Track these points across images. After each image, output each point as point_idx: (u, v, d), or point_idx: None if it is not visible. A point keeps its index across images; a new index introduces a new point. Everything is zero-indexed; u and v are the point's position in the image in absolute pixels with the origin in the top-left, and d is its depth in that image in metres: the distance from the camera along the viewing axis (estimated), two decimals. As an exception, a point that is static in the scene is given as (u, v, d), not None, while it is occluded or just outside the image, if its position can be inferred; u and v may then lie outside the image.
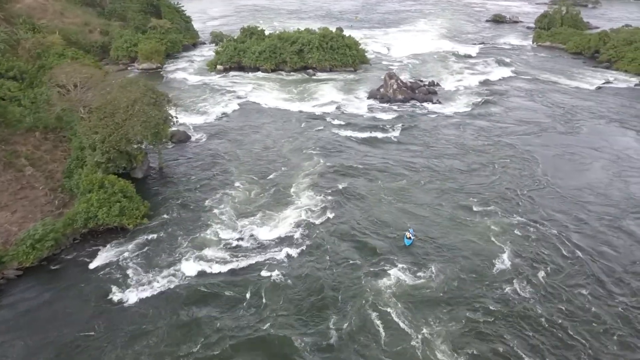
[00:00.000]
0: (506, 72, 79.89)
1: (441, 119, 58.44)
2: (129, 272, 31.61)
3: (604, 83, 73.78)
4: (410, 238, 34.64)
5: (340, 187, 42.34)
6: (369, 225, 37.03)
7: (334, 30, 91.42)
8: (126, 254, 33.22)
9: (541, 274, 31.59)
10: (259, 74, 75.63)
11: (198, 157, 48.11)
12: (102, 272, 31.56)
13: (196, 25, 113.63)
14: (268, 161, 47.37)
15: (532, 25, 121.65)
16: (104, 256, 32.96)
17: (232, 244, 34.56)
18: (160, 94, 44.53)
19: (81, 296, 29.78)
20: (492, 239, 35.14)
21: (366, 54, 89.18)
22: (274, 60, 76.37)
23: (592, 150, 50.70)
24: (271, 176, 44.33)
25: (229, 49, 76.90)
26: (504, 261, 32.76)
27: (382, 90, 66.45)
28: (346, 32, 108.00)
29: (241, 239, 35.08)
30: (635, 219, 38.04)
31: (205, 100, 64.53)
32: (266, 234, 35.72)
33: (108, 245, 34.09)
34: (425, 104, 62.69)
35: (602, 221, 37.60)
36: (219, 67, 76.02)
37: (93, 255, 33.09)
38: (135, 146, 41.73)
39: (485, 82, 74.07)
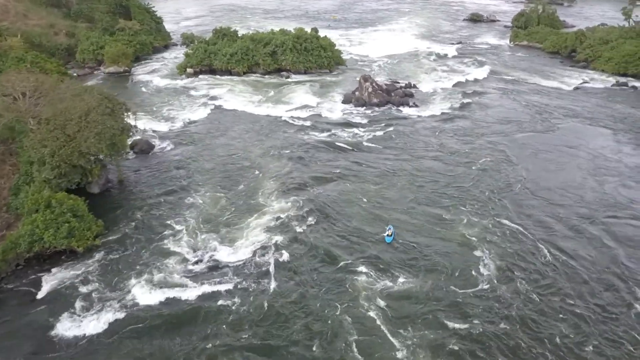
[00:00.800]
0: (483, 72, 78.33)
1: (417, 122, 56.37)
2: (76, 301, 28.71)
3: (581, 83, 72.69)
4: (390, 235, 34.42)
5: (312, 196, 40.10)
6: (344, 237, 34.99)
7: (309, 30, 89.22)
8: (74, 281, 30.29)
9: (518, 276, 31.01)
10: (231, 77, 72.65)
11: (161, 167, 45.17)
12: (45, 303, 28.60)
13: (169, 26, 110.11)
14: (237, 170, 44.74)
15: (509, 24, 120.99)
16: (50, 284, 29.97)
17: (192, 266, 31.86)
18: (118, 103, 41.50)
19: (21, 331, 26.80)
20: (470, 241, 34.42)
21: (342, 54, 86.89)
22: (246, 63, 73.50)
23: (569, 152, 49.57)
24: (239, 187, 41.80)
25: (199, 51, 73.77)
26: (482, 264, 31.97)
27: (357, 93, 64.16)
28: (323, 32, 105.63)
29: (202, 260, 32.41)
30: (609, 218, 37.71)
31: (172, 105, 61.44)
32: (231, 253, 33.13)
33: (55, 271, 31.08)
34: (401, 108, 60.57)
35: (577, 222, 37.12)
36: (189, 70, 72.87)
37: (37, 283, 30.08)
38: (92, 158, 38.64)
39: (462, 84, 72.36)
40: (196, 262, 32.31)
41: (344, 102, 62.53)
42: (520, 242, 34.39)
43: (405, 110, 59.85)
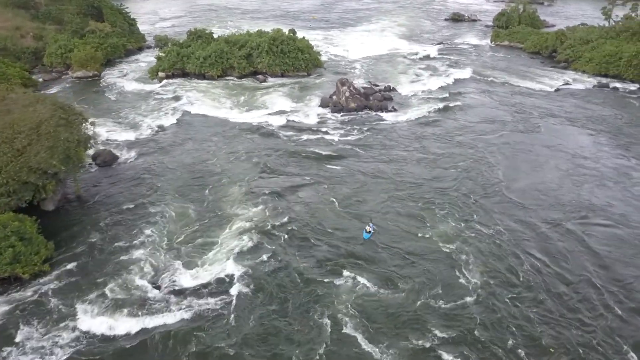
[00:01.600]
0: (464, 74, 76.54)
1: (395, 127, 54.26)
2: (18, 335, 26.00)
3: (562, 85, 71.35)
4: (369, 232, 34.03)
5: (283, 206, 37.89)
6: (316, 247, 33.04)
7: (287, 31, 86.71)
8: (17, 312, 27.52)
9: (497, 282, 30.02)
10: (205, 81, 69.81)
11: (125, 180, 42.39)
12: (-18, 338, 25.85)
13: (144, 27, 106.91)
14: (205, 181, 42.16)
15: (491, 23, 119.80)
16: (-11, 316, 27.21)
17: (151, 293, 29.25)
18: (74, 112, 38.63)
19: (-48, 373, 24.10)
20: (449, 247, 33.33)
21: (321, 56, 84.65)
22: (220, 66, 70.72)
23: (548, 155, 48.09)
24: (207, 199, 39.29)
25: (171, 55, 70.79)
26: (461, 270, 31.09)
27: (334, 97, 61.86)
28: (302, 33, 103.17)
29: (163, 285, 29.82)
30: (584, 221, 36.92)
31: (141, 112, 58.50)
32: (194, 276, 30.62)
33: (-4, 301, 28.32)
34: (379, 112, 58.41)
35: (552, 224, 36.21)
36: (160, 74, 69.84)
37: (-25, 316, 27.30)
38: (45, 174, 35.72)
39: (442, 86, 70.46)
40: (156, 287, 29.75)
41: (320, 106, 60.21)
42: (499, 247, 33.37)
43: (384, 115, 57.69)
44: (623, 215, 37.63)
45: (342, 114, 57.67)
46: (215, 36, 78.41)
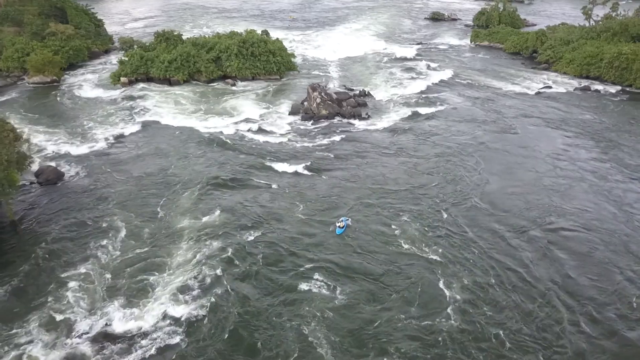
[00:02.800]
0: (442, 76, 73.36)
1: (367, 136, 50.72)
2: None
3: (543, 87, 68.48)
4: (342, 227, 33.36)
5: (244, 228, 34.47)
6: (277, 269, 30.24)
7: (260, 32, 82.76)
8: None
9: (471, 293, 28.78)
10: (170, 86, 65.52)
11: (69, 201, 38.27)
12: None
13: (114, 28, 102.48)
14: (158, 200, 38.33)
15: (471, 22, 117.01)
16: None
17: (80, 339, 25.41)
18: (4, 129, 34.40)
19: None
20: (422, 256, 31.93)
21: (296, 58, 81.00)
22: (187, 70, 66.51)
23: (527, 162, 45.91)
24: (159, 221, 35.58)
25: (134, 59, 66.36)
26: (433, 277, 30.08)
27: (305, 103, 58.17)
28: (278, 34, 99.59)
29: (96, 328, 26.01)
30: (559, 229, 35.23)
31: (98, 121, 54.16)
32: (135, 316, 26.88)
33: None
34: (352, 120, 54.83)
35: (525, 233, 34.69)
36: (122, 79, 65.36)
37: None
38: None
39: (419, 89, 67.17)
40: (87, 332, 25.92)
41: (291, 113, 56.45)
42: (470, 257, 31.84)
43: (357, 123, 54.13)
44: (597, 220, 36.01)
45: (312, 121, 53.99)
46: (185, 38, 74.19)
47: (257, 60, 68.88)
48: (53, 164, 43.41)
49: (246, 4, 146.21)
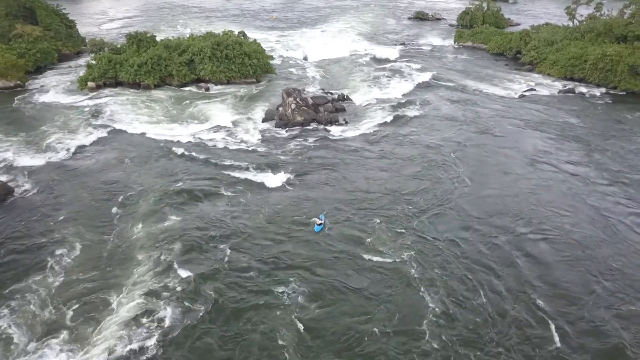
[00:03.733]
0: (424, 78, 70.94)
1: (344, 144, 47.96)
2: None
3: (526, 90, 66.27)
4: (320, 224, 32.80)
5: (208, 242, 31.70)
6: (242, 298, 26.66)
7: (237, 33, 79.70)
8: None
9: (443, 310, 26.61)
10: (140, 91, 62.23)
11: (14, 221, 34.89)
12: None
13: (88, 29, 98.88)
14: (116, 217, 35.17)
15: (455, 22, 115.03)
16: None
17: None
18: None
19: None
20: (396, 266, 29.63)
21: (274, 60, 78.27)
22: (158, 74, 63.27)
23: (508, 167, 43.41)
24: (114, 240, 32.44)
25: (102, 62, 62.90)
26: (407, 288, 28.33)
27: (280, 109, 55.32)
28: (259, 34, 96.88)
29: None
30: (537, 236, 33.49)
31: (60, 129, 50.72)
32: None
33: None
34: (328, 127, 52.05)
35: (504, 238, 33.00)
36: (90, 84, 61.93)
37: None
38: None
39: (400, 93, 64.65)
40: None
41: (264, 120, 53.54)
42: (447, 265, 30.25)
43: (333, 130, 51.36)
44: (574, 225, 34.36)
45: (287, 129, 51.08)
46: (159, 39, 70.82)
47: (232, 63, 65.85)
48: (4, 178, 40.09)
49: (229, 4, 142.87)
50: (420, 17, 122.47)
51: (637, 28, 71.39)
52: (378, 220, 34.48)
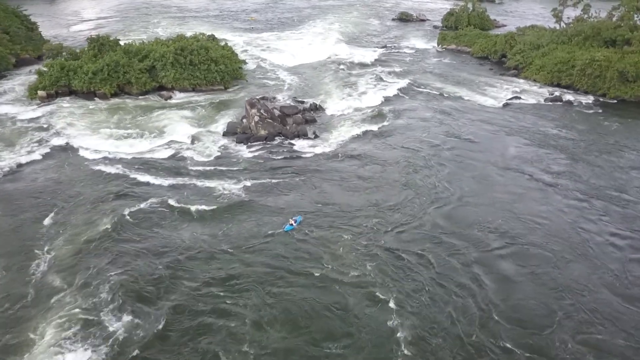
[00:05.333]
0: (404, 84, 66.14)
1: (310, 162, 42.79)
2: None
3: (511, 98, 61.49)
4: (292, 224, 31.81)
5: (145, 284, 26.52)
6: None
7: (209, 36, 74.43)
8: None
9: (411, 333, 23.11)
10: (94, 100, 56.60)
11: None
12: None
13: (57, 31, 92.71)
14: (44, 250, 30.05)
15: (439, 24, 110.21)
16: None
17: None
18: None
19: None
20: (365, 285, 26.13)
21: (247, 65, 73.10)
22: (115, 82, 57.68)
23: (487, 183, 39.92)
24: (39, 278, 27.40)
25: (54, 69, 57.19)
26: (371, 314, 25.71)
27: (244, 121, 50.12)
28: (236, 37, 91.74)
29: None
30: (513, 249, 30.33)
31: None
32: None
33: None
34: (295, 141, 46.92)
35: (479, 253, 30.32)
36: (40, 93, 56.23)
37: None
38: None
39: (377, 101, 59.72)
40: None
41: (225, 133, 48.29)
42: (415, 287, 27.84)
43: (299, 144, 46.23)
44: (547, 240, 32.21)
45: (248, 144, 45.85)
46: (126, 43, 65.20)
47: (196, 69, 60.45)
48: None
49: (212, 4, 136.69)
50: (404, 18, 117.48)
51: (626, 32, 67.00)
52: (346, 237, 31.68)
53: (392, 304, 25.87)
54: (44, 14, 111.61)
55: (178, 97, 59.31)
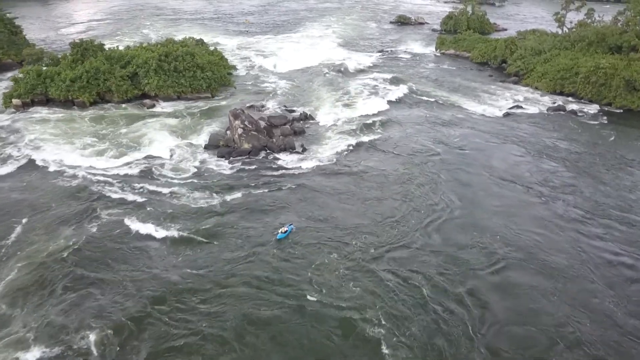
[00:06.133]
0: (400, 92, 62.59)
1: (292, 181, 38.94)
2: None
3: (512, 107, 58.02)
4: (284, 232, 30.50)
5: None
6: None
7: (197, 40, 71.21)
8: None
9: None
10: (72, 109, 53.23)
11: None
12: None
13: (45, 34, 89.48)
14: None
15: (438, 27, 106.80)
16: None
17: None
18: None
19: None
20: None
21: (238, 70, 69.94)
22: (94, 89, 54.35)
23: (486, 199, 36.64)
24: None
25: (30, 76, 53.83)
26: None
27: (228, 132, 46.73)
28: (229, 40, 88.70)
29: None
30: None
31: (-38, 160, 41.90)
32: None
33: None
34: (282, 155, 43.49)
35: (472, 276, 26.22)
36: (15, 101, 52.92)
37: None
38: None
39: (372, 110, 56.12)
40: None
41: (207, 146, 44.86)
42: (407, 315, 25.21)
43: (286, 159, 42.77)
44: (550, 257, 30.00)
45: (230, 158, 42.42)
46: (114, 47, 62.05)
47: (181, 76, 57.06)
48: None
49: (209, 6, 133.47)
50: (402, 22, 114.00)
51: (632, 38, 63.49)
52: (332, 256, 29.17)
53: (379, 332, 23.53)
54: (35, 16, 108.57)
55: (162, 105, 55.92)
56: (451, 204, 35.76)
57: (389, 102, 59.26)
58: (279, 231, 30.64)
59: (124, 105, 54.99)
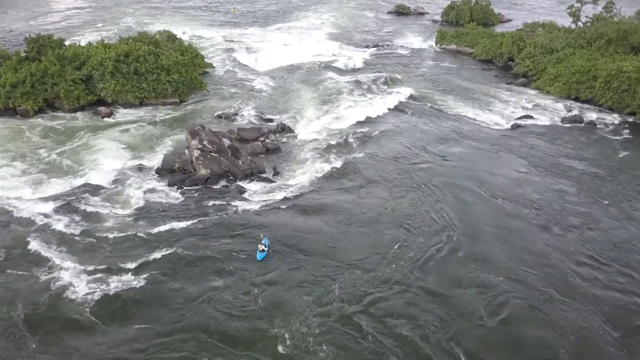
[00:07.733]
0: (394, 98, 54.12)
1: (259, 218, 31.23)
2: None
3: (520, 117, 49.56)
4: (263, 250, 26.47)
5: None
6: None
7: (171, 34, 62.63)
8: None
9: None
10: (13, 119, 45.15)
11: None
12: None
13: (13, 25, 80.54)
14: None
15: (439, 18, 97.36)
16: None
17: None
18: None
19: None
20: None
21: (215, 69, 61.47)
22: (41, 95, 46.19)
23: (492, 236, 27.71)
24: None
25: (-36, 81, 45.60)
26: None
27: (187, 152, 38.63)
28: (213, 33, 79.98)
29: None
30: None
31: None
32: None
33: None
34: (246, 184, 35.42)
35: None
36: (-53, 109, 44.83)
37: None
38: None
39: (359, 118, 48.10)
40: None
41: (160, 170, 36.80)
42: None
43: (251, 189, 34.73)
44: (554, 304, 23.68)
45: (184, 188, 34.36)
46: (81, 42, 53.97)
47: (142, 79, 48.69)
48: None
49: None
50: (401, 11, 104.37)
51: (659, 36, 54.57)
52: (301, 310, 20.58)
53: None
54: (7, 4, 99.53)
55: (120, 113, 47.82)
56: (447, 240, 28.48)
57: (381, 109, 50.90)
58: (258, 250, 26.59)
59: (75, 114, 46.77)
